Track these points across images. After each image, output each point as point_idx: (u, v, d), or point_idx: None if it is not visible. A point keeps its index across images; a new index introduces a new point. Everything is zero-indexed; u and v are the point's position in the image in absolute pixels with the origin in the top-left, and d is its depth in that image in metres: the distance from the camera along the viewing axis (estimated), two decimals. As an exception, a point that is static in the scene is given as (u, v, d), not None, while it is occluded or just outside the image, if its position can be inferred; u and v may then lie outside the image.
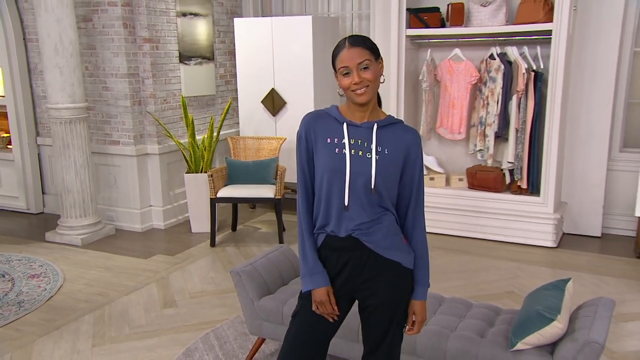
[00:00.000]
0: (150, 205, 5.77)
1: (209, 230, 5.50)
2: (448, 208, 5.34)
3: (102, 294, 4.21)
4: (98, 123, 5.66)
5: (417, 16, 5.23)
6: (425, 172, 5.56)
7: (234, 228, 5.62)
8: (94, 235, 5.41)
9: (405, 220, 2.08)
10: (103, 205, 5.77)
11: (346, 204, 2.00)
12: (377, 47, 2.01)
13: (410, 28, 5.27)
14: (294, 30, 5.72)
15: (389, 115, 2.07)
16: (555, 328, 2.41)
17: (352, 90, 1.96)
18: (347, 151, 1.99)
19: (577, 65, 5.11)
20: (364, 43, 1.97)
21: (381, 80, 2.01)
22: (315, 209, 2.09)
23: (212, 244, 5.18)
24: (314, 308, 2.07)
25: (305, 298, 2.11)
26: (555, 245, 5.02)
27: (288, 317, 2.99)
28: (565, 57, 4.71)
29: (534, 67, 4.92)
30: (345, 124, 2.03)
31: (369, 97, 1.97)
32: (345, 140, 2.00)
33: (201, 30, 6.08)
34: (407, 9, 5.24)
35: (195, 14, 5.99)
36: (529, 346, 2.49)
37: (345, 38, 2.00)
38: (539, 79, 4.90)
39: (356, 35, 2.03)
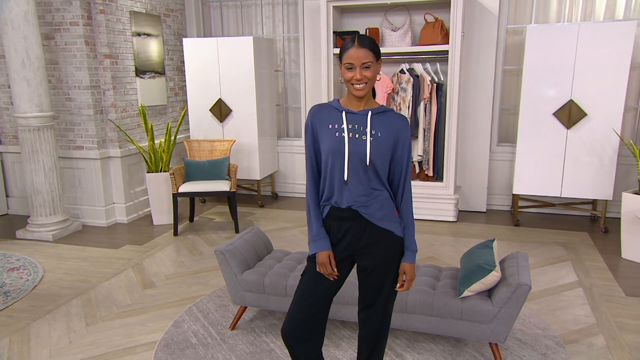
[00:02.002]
0: (114, 203, 5.46)
1: (170, 222, 5.34)
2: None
3: (83, 280, 3.94)
4: (62, 130, 5.27)
5: (342, 37, 5.36)
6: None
7: (191, 219, 5.45)
8: (64, 231, 5.04)
9: (396, 195, 2.11)
10: (68, 204, 5.39)
11: (345, 179, 2.04)
12: (379, 49, 2.02)
13: (336, 47, 5.39)
14: (237, 48, 5.65)
15: (382, 104, 2.12)
16: (493, 276, 2.60)
17: (352, 84, 1.98)
18: (345, 135, 2.03)
19: (465, 79, 5.48)
20: (369, 45, 1.97)
21: (377, 78, 2.05)
22: (321, 185, 2.11)
23: (175, 233, 4.99)
24: (317, 269, 2.09)
25: (311, 260, 2.12)
26: (455, 220, 5.34)
27: (268, 286, 3.01)
28: (459, 72, 5.04)
29: (436, 80, 5.22)
30: (344, 112, 2.06)
31: (366, 92, 2.00)
32: (344, 126, 2.03)
33: (153, 49, 5.83)
34: (334, 32, 5.35)
35: (148, 34, 5.74)
36: (472, 293, 2.66)
37: (355, 37, 1.98)
38: (440, 89, 5.20)
39: (364, 36, 2.01)
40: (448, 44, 5.04)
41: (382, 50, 5.31)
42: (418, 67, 5.26)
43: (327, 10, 5.26)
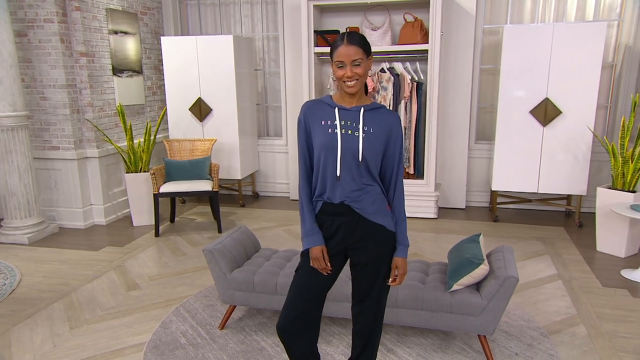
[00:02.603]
0: (91, 204, 5.34)
1: (150, 223, 5.26)
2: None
3: (64, 283, 3.84)
4: (36, 131, 5.12)
5: (323, 37, 5.38)
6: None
7: (172, 220, 5.38)
8: (40, 234, 4.90)
9: (389, 190, 2.12)
10: (44, 206, 5.24)
11: (338, 174, 2.04)
12: (369, 46, 2.02)
13: (317, 46, 5.40)
14: (217, 47, 5.60)
15: (374, 101, 2.14)
16: (482, 270, 2.65)
17: (344, 82, 1.99)
18: (338, 131, 2.03)
19: (444, 78, 5.56)
20: (359, 42, 1.97)
21: (369, 74, 2.06)
22: (314, 180, 2.11)
23: (157, 234, 4.92)
24: (311, 264, 2.09)
25: (305, 255, 2.12)
26: (436, 217, 5.42)
27: (258, 285, 3.00)
28: (438, 71, 5.11)
29: (416, 79, 5.28)
30: (336, 109, 2.06)
31: (358, 89, 2.01)
32: (337, 122, 2.04)
33: (130, 47, 5.73)
34: (315, 31, 5.36)
35: (125, 32, 5.63)
36: (461, 286, 2.71)
37: (344, 34, 1.99)
38: (420, 88, 5.27)
39: (353, 33, 2.01)
40: (427, 43, 5.11)
41: (363, 49, 5.34)
42: (398, 66, 5.31)
43: (307, 9, 5.27)
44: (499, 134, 5.13)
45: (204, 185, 4.93)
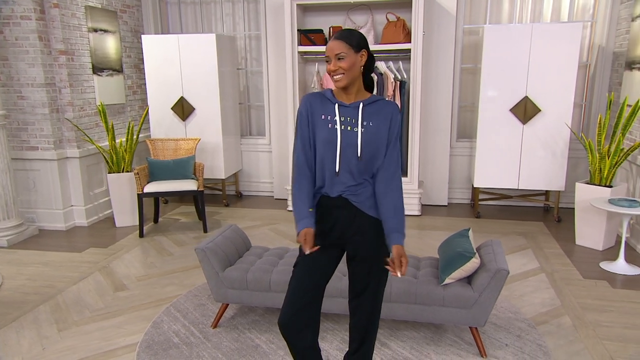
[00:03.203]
0: (72, 205, 5.24)
1: (134, 224, 5.19)
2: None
3: (48, 286, 3.77)
4: (14, 130, 5.00)
5: (307, 36, 5.40)
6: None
7: (155, 220, 5.31)
8: (19, 236, 4.79)
9: (381, 173, 2.07)
10: (22, 207, 5.11)
11: (337, 170, 2.07)
12: (358, 40, 2.01)
13: (301, 45, 5.42)
14: (200, 46, 5.56)
15: (372, 94, 2.16)
16: (473, 263, 2.72)
17: (332, 76, 2.01)
18: (338, 127, 2.05)
19: (426, 77, 5.64)
20: (343, 37, 1.99)
21: (361, 71, 2.07)
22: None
23: (141, 234, 4.85)
24: (299, 239, 2.00)
25: (302, 253, 2.12)
26: (420, 214, 5.50)
27: (252, 282, 3.01)
28: (421, 70, 5.19)
29: (399, 78, 5.35)
30: (336, 105, 2.08)
31: (345, 83, 2.01)
32: (337, 118, 2.06)
33: (110, 45, 5.64)
34: (298, 30, 5.38)
35: (105, 30, 5.54)
36: (453, 280, 2.76)
37: (336, 34, 2.03)
38: (403, 87, 5.34)
39: (344, 29, 2.04)
40: (410, 42, 5.18)
41: (346, 48, 5.37)
42: (381, 65, 5.37)
43: (291, 9, 5.28)
44: (480, 132, 5.23)
45: (189, 185, 4.89)
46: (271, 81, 6.04)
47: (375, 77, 5.29)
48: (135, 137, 5.23)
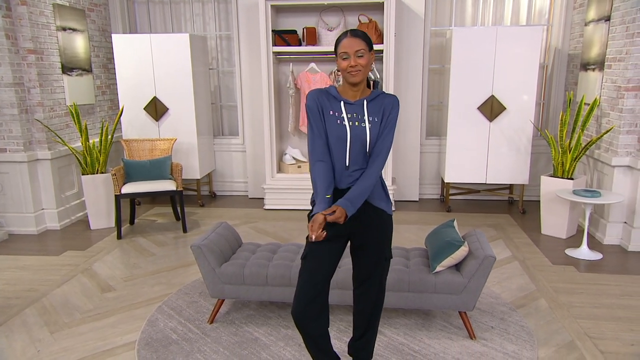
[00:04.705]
0: (43, 209, 5.09)
1: (109, 226, 5.12)
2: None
3: (30, 289, 3.67)
4: (-20, 132, 4.82)
5: (281, 36, 5.47)
6: (293, 161, 5.83)
7: (132, 222, 5.24)
8: (-11, 241, 4.63)
9: (371, 157, 2.17)
10: (-11, 212, 4.94)
11: (347, 164, 2.18)
12: (371, 41, 2.15)
13: (276, 46, 5.49)
14: (173, 45, 5.53)
15: (373, 90, 2.27)
16: (462, 251, 2.88)
17: (348, 72, 2.10)
18: (346, 123, 2.15)
19: (397, 77, 5.83)
20: (362, 36, 2.12)
21: (371, 68, 2.20)
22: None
23: (119, 236, 4.78)
24: (309, 224, 2.07)
25: (309, 245, 2.20)
26: (394, 209, 5.69)
27: (248, 277, 3.07)
28: (393, 70, 5.37)
29: (372, 77, 5.51)
30: (342, 102, 2.18)
31: (361, 79, 2.12)
32: (344, 115, 2.17)
33: (79, 44, 5.51)
34: (273, 31, 5.44)
35: (74, 29, 5.42)
36: (444, 268, 2.93)
37: (347, 31, 2.13)
38: (376, 86, 5.48)
39: (356, 29, 2.16)
40: (382, 43, 5.35)
41: (321, 49, 5.50)
42: (354, 66, 5.50)
43: (265, 9, 5.34)
44: (450, 129, 5.47)
45: (167, 185, 4.87)
46: (244, 81, 6.07)
47: (349, 77, 5.42)
48: (110, 137, 5.14)
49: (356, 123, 2.16)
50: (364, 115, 2.17)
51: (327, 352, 2.30)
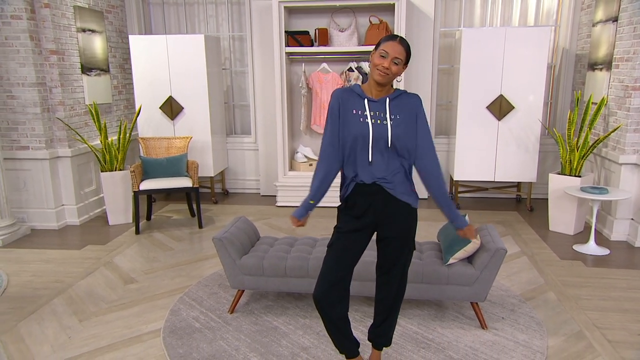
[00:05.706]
0: (63, 205, 5.24)
1: (128, 221, 5.27)
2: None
3: (57, 281, 3.82)
4: (3, 130, 4.97)
5: (294, 37, 5.60)
6: (304, 159, 5.96)
7: (149, 218, 5.38)
8: (13, 236, 4.77)
9: (420, 161, 2.31)
10: (12, 207, 5.07)
11: (370, 159, 2.30)
12: (410, 56, 2.25)
13: (288, 46, 5.61)
14: (188, 46, 5.67)
15: (396, 89, 2.37)
16: (474, 244, 2.99)
17: (378, 70, 2.21)
18: (369, 120, 2.27)
19: (407, 77, 5.92)
20: (406, 48, 2.22)
21: (398, 80, 2.33)
22: (344, 165, 2.33)
23: (137, 231, 4.92)
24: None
25: (337, 232, 2.35)
26: (404, 206, 5.79)
27: (268, 269, 3.19)
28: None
29: (383, 77, 5.62)
30: (366, 100, 2.30)
31: (386, 81, 2.23)
32: (367, 113, 2.28)
33: (98, 45, 5.67)
34: (285, 31, 5.57)
35: (93, 31, 5.57)
36: (456, 260, 3.04)
37: (398, 36, 2.23)
38: (387, 86, 5.62)
39: (404, 38, 2.24)
40: (393, 44, 5.46)
41: (333, 49, 5.62)
42: (365, 66, 5.63)
43: (279, 10, 5.47)
44: (459, 128, 5.58)
45: (184, 182, 5.00)
46: (257, 81, 6.20)
47: (360, 77, 5.55)
48: (128, 135, 5.29)
49: (378, 121, 2.27)
50: (386, 113, 2.28)
51: (347, 336, 2.43)
